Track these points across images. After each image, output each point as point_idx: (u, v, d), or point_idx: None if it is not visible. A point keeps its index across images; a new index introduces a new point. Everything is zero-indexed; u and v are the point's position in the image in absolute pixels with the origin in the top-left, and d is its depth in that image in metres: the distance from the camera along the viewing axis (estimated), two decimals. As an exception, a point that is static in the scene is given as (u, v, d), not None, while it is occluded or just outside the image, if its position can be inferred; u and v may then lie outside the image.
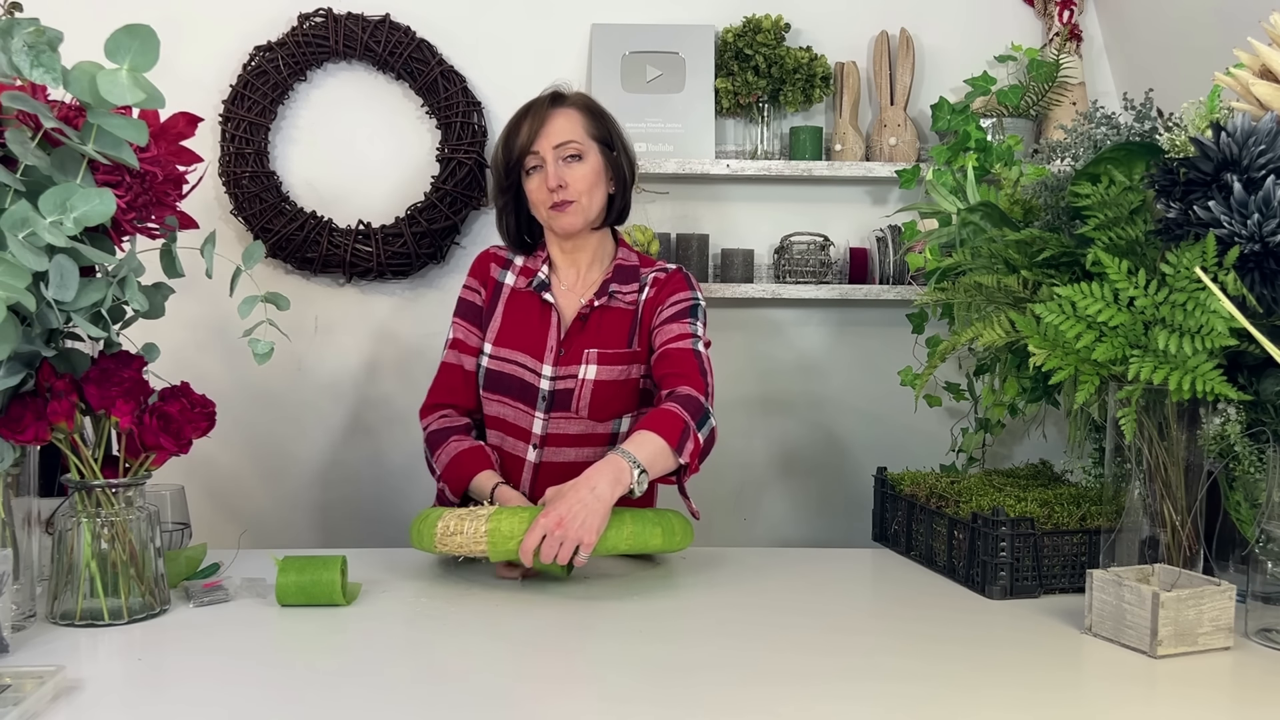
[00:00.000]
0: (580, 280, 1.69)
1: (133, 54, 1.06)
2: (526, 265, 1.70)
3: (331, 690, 1.04)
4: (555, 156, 1.60)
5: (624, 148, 1.69)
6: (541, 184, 1.61)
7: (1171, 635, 1.15)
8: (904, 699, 1.04)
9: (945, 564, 1.51)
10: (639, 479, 1.39)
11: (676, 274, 1.69)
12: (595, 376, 1.62)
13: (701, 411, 1.50)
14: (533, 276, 1.68)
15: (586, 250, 1.69)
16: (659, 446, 1.43)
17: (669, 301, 1.65)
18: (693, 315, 1.64)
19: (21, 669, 1.02)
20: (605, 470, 1.38)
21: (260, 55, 2.23)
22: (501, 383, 1.65)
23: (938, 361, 1.53)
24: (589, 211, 1.63)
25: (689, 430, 1.46)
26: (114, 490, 1.24)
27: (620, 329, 1.65)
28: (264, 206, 2.22)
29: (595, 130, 1.64)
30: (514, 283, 1.69)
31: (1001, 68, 2.34)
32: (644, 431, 1.44)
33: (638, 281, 1.68)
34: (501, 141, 1.64)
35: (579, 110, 1.64)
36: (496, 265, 1.72)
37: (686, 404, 1.49)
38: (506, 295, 1.69)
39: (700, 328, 1.63)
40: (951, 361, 2.32)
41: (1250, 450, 1.26)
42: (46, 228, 1.04)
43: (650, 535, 1.42)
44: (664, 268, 1.70)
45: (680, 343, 1.59)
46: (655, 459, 1.42)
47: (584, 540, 1.32)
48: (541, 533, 1.32)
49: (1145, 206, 1.32)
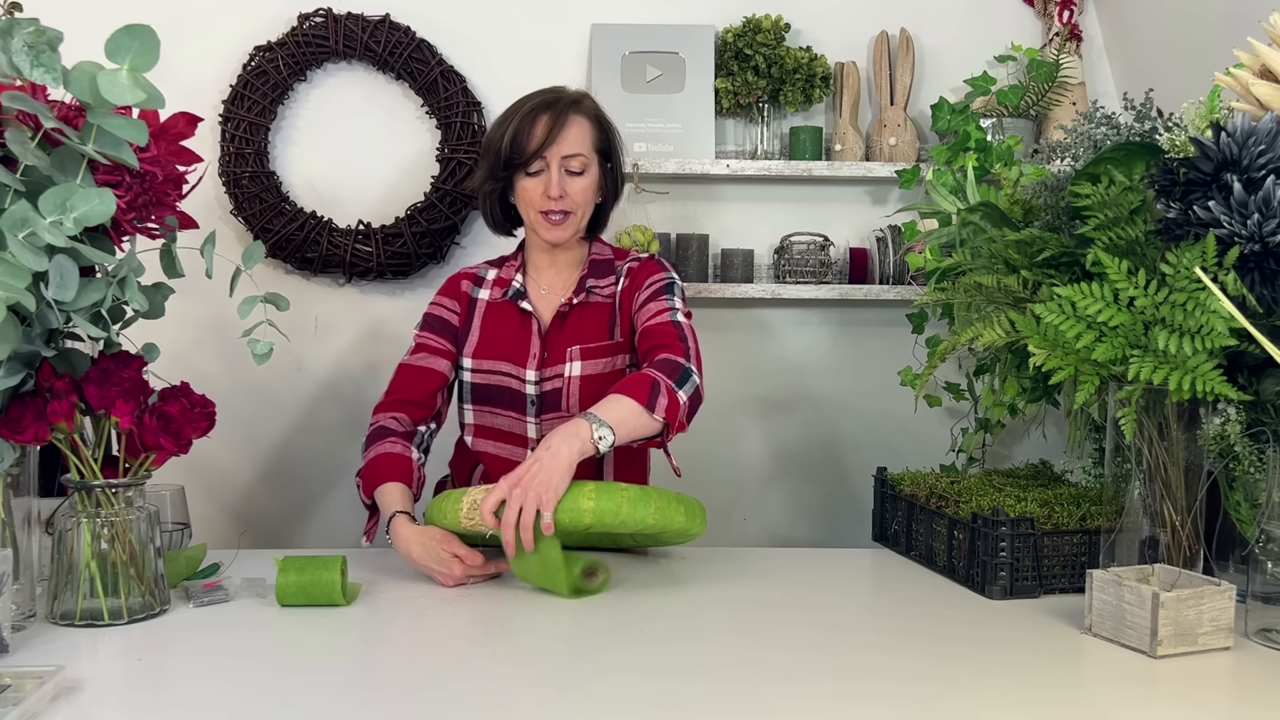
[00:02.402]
0: (559, 280, 1.70)
1: (133, 54, 1.06)
2: (500, 277, 1.70)
3: (331, 690, 1.04)
4: (560, 166, 1.60)
5: (619, 162, 1.70)
6: (539, 187, 1.60)
7: (1171, 635, 1.15)
8: (904, 699, 1.04)
9: (945, 564, 1.51)
10: (598, 435, 1.37)
11: (649, 260, 1.70)
12: (581, 372, 1.62)
13: (680, 370, 1.49)
14: (507, 286, 1.68)
15: (569, 254, 1.70)
16: (628, 406, 1.42)
17: (645, 285, 1.65)
18: (669, 291, 1.64)
19: (21, 669, 1.02)
20: (562, 431, 1.37)
21: (260, 55, 2.23)
22: (488, 394, 1.65)
23: (938, 361, 1.53)
24: (580, 224, 1.65)
25: (659, 386, 1.44)
26: (114, 490, 1.24)
27: (600, 322, 1.66)
28: (264, 206, 2.22)
29: (600, 142, 1.65)
30: (489, 296, 1.70)
31: (1001, 68, 2.34)
32: (612, 395, 1.44)
33: (614, 274, 1.69)
34: (510, 131, 1.60)
35: (590, 120, 1.64)
36: (469, 282, 1.72)
37: (661, 366, 1.48)
38: (482, 310, 1.69)
39: (678, 301, 1.63)
40: (951, 361, 2.32)
41: (1250, 450, 1.26)
42: (46, 228, 1.04)
43: (674, 513, 1.40)
44: (636, 257, 1.71)
45: (659, 317, 1.60)
46: (624, 419, 1.41)
47: (542, 498, 1.31)
48: (501, 495, 1.32)
49: (1145, 206, 1.32)
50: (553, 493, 1.32)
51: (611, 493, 1.36)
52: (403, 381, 1.66)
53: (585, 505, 1.34)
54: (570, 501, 1.33)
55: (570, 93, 1.66)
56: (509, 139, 1.61)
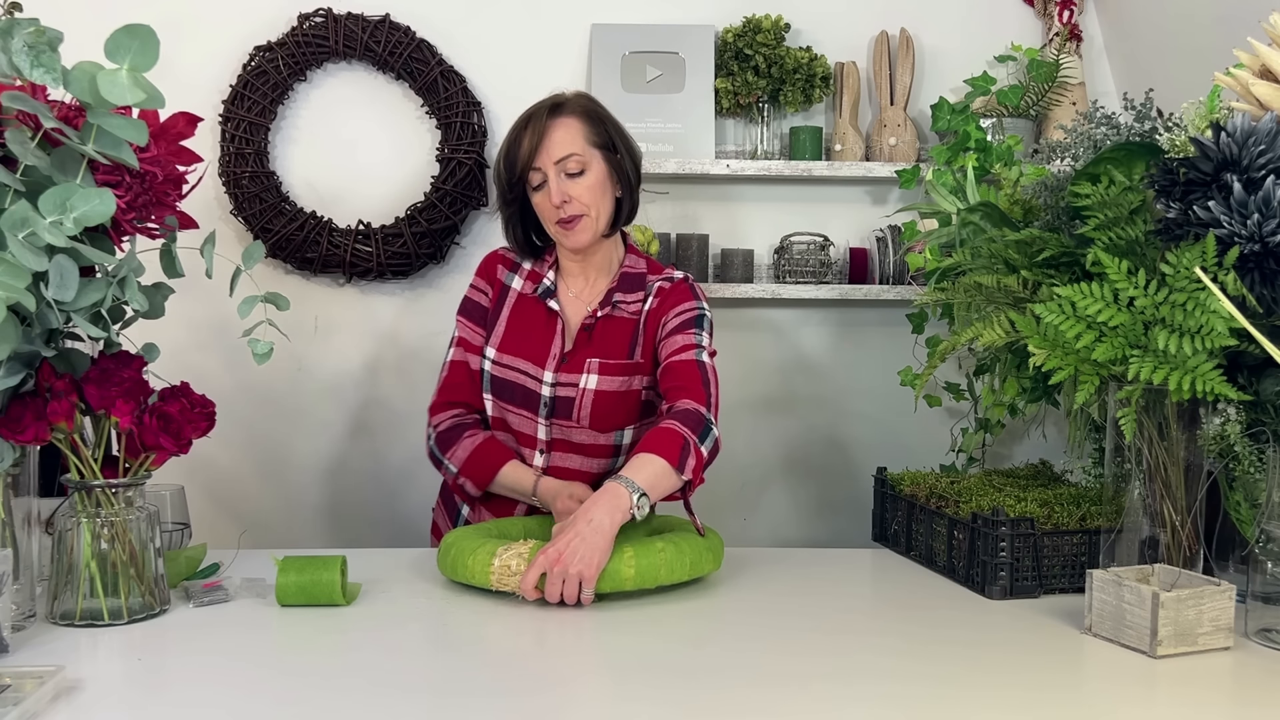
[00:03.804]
0: (589, 288, 1.68)
1: (133, 54, 1.06)
2: (534, 270, 1.69)
3: (331, 690, 1.04)
4: (557, 171, 1.57)
5: (627, 149, 1.66)
6: (547, 200, 1.58)
7: (1171, 635, 1.15)
8: (904, 699, 1.04)
9: (945, 564, 1.51)
10: (639, 503, 1.37)
11: (681, 284, 1.67)
12: (596, 386, 1.61)
13: (702, 424, 1.49)
14: (539, 282, 1.67)
15: (597, 257, 1.67)
16: (659, 468, 1.41)
17: (674, 312, 1.63)
18: (698, 325, 1.62)
19: (21, 669, 1.01)
20: (603, 500, 1.36)
21: (260, 55, 2.23)
22: (505, 389, 1.64)
23: (938, 361, 1.53)
24: (598, 223, 1.61)
25: (689, 446, 1.44)
26: (114, 490, 1.24)
27: (622, 340, 1.64)
28: (264, 206, 2.22)
29: (596, 136, 1.61)
30: (520, 287, 1.68)
31: (1001, 68, 2.34)
32: (643, 454, 1.42)
33: (643, 290, 1.66)
34: (503, 154, 1.61)
35: (579, 117, 1.60)
36: (504, 268, 1.70)
37: (686, 419, 1.48)
38: (513, 300, 1.68)
39: (706, 338, 1.62)
40: (951, 361, 2.32)
41: (1250, 450, 1.26)
42: (46, 228, 1.04)
43: (704, 563, 1.41)
44: (669, 276, 1.68)
45: (684, 354, 1.58)
46: (657, 481, 1.40)
47: (584, 574, 1.29)
48: (541, 569, 1.30)
49: (1145, 206, 1.32)
50: (594, 570, 1.30)
51: (650, 555, 1.35)
52: (456, 379, 1.67)
53: (626, 574, 1.33)
54: (612, 569, 1.33)
55: (554, 98, 1.62)
56: (504, 158, 1.60)
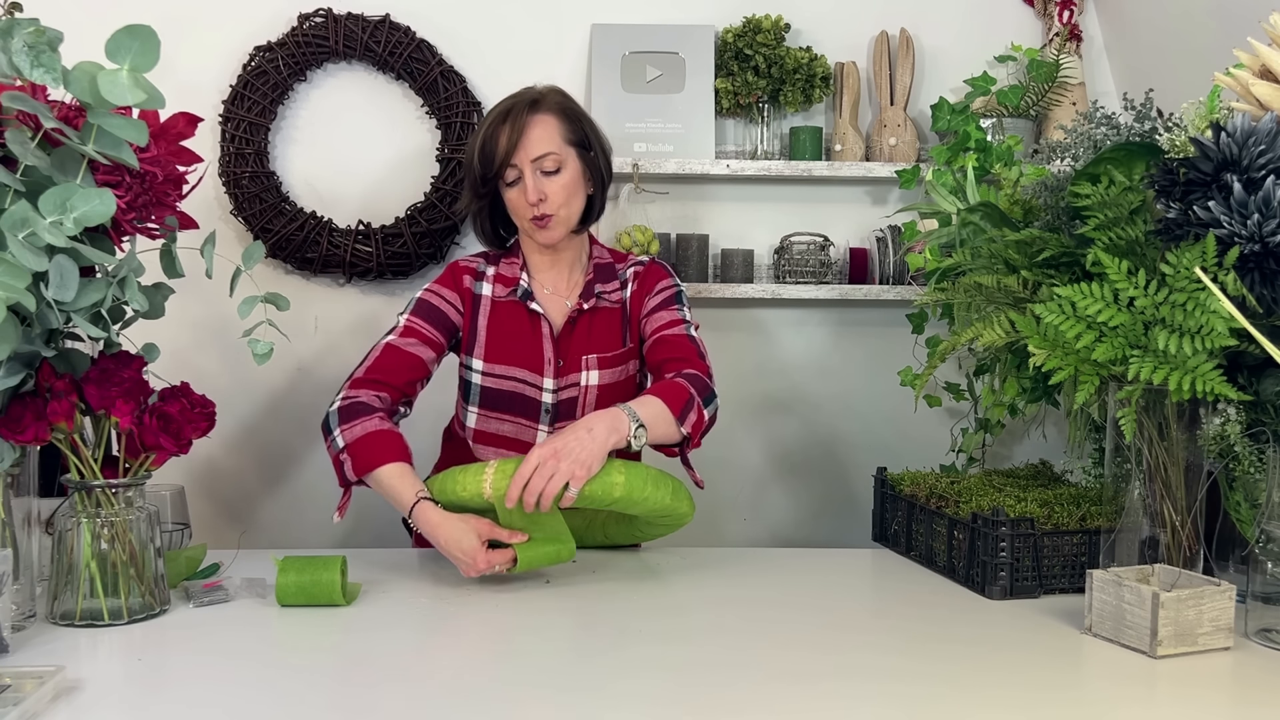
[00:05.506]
0: (565, 282, 1.68)
1: (133, 54, 1.06)
2: (500, 273, 1.66)
3: (331, 690, 1.04)
4: (534, 169, 1.57)
5: (600, 147, 1.66)
6: (521, 196, 1.58)
7: (1171, 635, 1.15)
8: (904, 699, 1.04)
9: (945, 564, 1.51)
10: (636, 432, 1.40)
11: (653, 265, 1.71)
12: (598, 382, 1.62)
13: (708, 391, 1.53)
14: (512, 285, 1.65)
15: (568, 252, 1.68)
16: (661, 410, 1.44)
17: (654, 290, 1.67)
18: (678, 301, 1.66)
19: (21, 669, 1.02)
20: (604, 417, 1.39)
21: (260, 55, 2.23)
22: (501, 399, 1.63)
23: (938, 361, 1.53)
24: (570, 221, 1.62)
25: (693, 402, 1.48)
26: (114, 490, 1.24)
27: (612, 329, 1.66)
28: (264, 206, 2.22)
29: (572, 134, 1.61)
30: (492, 293, 1.66)
31: (1001, 68, 2.34)
32: (649, 395, 1.46)
33: (617, 279, 1.69)
34: (478, 148, 1.59)
35: (556, 115, 1.60)
36: (470, 277, 1.66)
37: (694, 381, 1.51)
38: (487, 308, 1.65)
39: (687, 312, 1.66)
40: (951, 361, 2.32)
41: (1250, 450, 1.26)
42: (46, 228, 1.04)
43: (682, 498, 1.43)
44: (639, 261, 1.71)
45: (674, 329, 1.61)
46: (656, 421, 1.43)
47: (575, 474, 1.31)
48: (535, 463, 1.32)
49: (1145, 206, 1.32)
50: (586, 470, 1.32)
51: (638, 470, 1.39)
52: (387, 362, 1.57)
53: (616, 479, 1.35)
54: (602, 474, 1.35)
55: (530, 93, 1.62)
56: (478, 155, 1.59)
